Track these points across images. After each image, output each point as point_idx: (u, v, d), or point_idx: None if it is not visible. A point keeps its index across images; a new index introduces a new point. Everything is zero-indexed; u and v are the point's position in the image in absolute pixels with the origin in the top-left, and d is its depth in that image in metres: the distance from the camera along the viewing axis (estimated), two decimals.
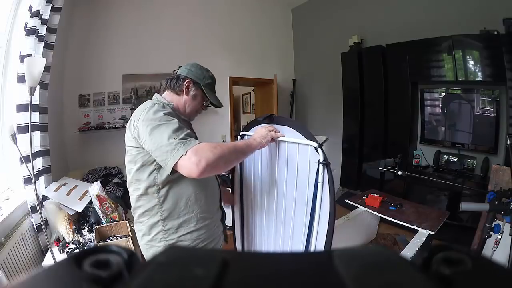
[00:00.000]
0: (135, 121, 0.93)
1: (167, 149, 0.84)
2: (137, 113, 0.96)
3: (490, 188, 1.97)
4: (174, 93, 1.09)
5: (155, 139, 0.87)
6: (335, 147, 4.01)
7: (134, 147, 0.95)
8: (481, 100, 2.61)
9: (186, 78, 1.07)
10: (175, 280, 0.15)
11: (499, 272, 0.16)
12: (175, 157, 0.83)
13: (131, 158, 0.98)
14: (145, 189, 0.98)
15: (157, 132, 0.87)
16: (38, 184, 1.94)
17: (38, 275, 0.15)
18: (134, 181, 1.00)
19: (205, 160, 0.81)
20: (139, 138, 0.92)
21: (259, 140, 1.05)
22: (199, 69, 1.11)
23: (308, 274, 0.16)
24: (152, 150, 0.88)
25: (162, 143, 0.85)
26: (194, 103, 1.12)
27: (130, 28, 3.47)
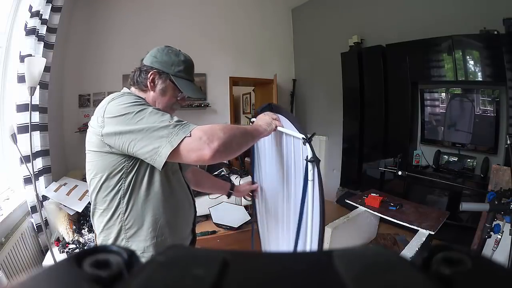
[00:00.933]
0: (99, 117, 0.77)
1: (160, 134, 0.70)
2: (100, 107, 0.79)
3: (490, 188, 1.98)
4: (139, 90, 0.90)
5: (137, 126, 0.71)
6: (335, 147, 4.02)
7: (99, 151, 0.80)
8: (481, 100, 2.61)
9: (150, 70, 0.88)
10: (175, 280, 0.15)
11: (499, 272, 0.16)
12: (174, 141, 0.69)
13: (93, 167, 0.84)
14: (109, 201, 0.83)
15: (139, 117, 0.72)
16: (38, 184, 1.95)
17: (38, 275, 0.15)
18: (96, 195, 0.85)
19: (218, 139, 0.70)
20: (108, 136, 0.75)
21: (264, 127, 0.93)
22: (165, 55, 0.88)
23: (308, 274, 0.16)
24: (133, 143, 0.72)
25: (151, 127, 0.71)
26: (165, 99, 0.91)
27: (130, 28, 3.47)
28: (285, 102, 4.74)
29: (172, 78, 0.89)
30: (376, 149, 3.42)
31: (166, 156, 0.70)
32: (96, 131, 0.78)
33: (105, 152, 0.80)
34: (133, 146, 0.73)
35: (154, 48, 0.91)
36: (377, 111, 3.36)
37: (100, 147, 0.79)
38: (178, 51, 0.92)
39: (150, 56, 0.90)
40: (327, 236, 2.10)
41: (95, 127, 0.79)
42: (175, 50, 0.91)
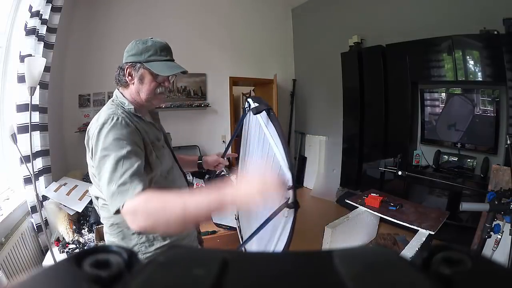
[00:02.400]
0: (90, 139, 0.82)
1: (107, 194, 0.73)
2: (92, 127, 0.83)
3: (490, 188, 1.98)
4: (123, 87, 0.94)
5: (101, 178, 0.75)
6: (335, 147, 4.02)
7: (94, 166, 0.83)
8: (481, 100, 2.61)
9: (125, 65, 0.92)
10: (175, 280, 0.15)
11: (499, 272, 0.16)
12: (112, 208, 0.71)
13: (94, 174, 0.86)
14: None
15: (102, 169, 0.76)
16: (38, 184, 1.94)
17: (38, 275, 0.15)
18: (101, 194, 0.87)
19: (137, 225, 0.67)
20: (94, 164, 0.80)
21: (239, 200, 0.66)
22: (134, 46, 0.93)
23: (308, 274, 0.16)
24: (102, 187, 0.77)
25: (105, 184, 0.74)
26: (145, 86, 0.92)
27: (130, 28, 3.46)
28: (285, 102, 4.74)
29: (144, 65, 0.91)
30: (376, 149, 3.42)
31: (113, 213, 0.72)
32: (88, 150, 0.85)
33: None
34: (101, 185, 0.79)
35: (134, 41, 0.95)
36: (377, 111, 3.36)
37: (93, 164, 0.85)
38: (146, 39, 0.95)
39: (124, 53, 0.94)
40: (327, 236, 2.10)
41: (88, 145, 0.85)
42: (142, 40, 0.95)
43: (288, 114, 4.82)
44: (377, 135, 3.40)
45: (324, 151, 4.27)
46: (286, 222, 0.77)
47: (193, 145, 3.72)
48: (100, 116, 0.83)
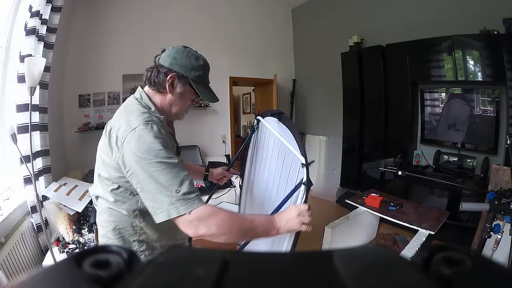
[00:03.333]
0: (119, 140, 0.76)
1: (163, 199, 0.71)
2: (122, 127, 0.77)
3: (490, 188, 1.98)
4: (156, 91, 0.89)
5: (149, 178, 0.72)
6: (335, 147, 4.01)
7: (114, 168, 0.79)
8: (481, 100, 2.61)
9: (169, 72, 0.85)
10: (175, 280, 0.15)
11: (499, 272, 0.16)
12: (172, 214, 0.71)
13: (108, 177, 0.82)
14: (122, 211, 0.85)
15: (154, 167, 0.72)
16: (38, 184, 1.94)
17: (38, 275, 0.15)
18: (108, 196, 0.85)
19: (206, 229, 0.72)
20: (124, 167, 0.76)
21: (283, 229, 0.82)
22: (186, 57, 0.86)
23: (308, 274, 0.16)
24: (142, 191, 0.75)
25: (159, 187, 0.72)
26: (182, 102, 0.91)
27: (130, 28, 3.47)
28: (285, 102, 4.74)
29: (191, 83, 0.88)
30: (376, 149, 3.42)
31: (161, 220, 0.73)
32: (114, 151, 0.78)
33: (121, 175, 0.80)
34: (139, 191, 0.76)
35: (172, 48, 0.88)
36: (377, 111, 3.36)
37: (117, 167, 0.79)
38: (197, 54, 0.91)
39: (168, 56, 0.86)
40: (327, 236, 2.10)
41: (113, 145, 0.78)
42: (194, 53, 0.90)
43: (288, 114, 4.80)
44: (377, 135, 3.40)
45: (324, 151, 4.27)
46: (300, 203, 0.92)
47: (193, 145, 3.72)
48: (132, 119, 0.78)
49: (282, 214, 0.84)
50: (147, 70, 0.89)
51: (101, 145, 0.84)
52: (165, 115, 0.90)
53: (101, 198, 0.88)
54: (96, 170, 0.88)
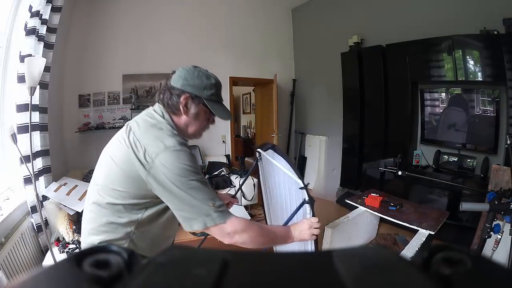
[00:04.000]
0: (148, 155, 0.78)
1: (200, 211, 0.78)
2: (152, 143, 0.80)
3: (490, 188, 1.98)
4: (171, 112, 0.89)
5: (185, 193, 0.77)
6: (335, 147, 4.02)
7: (136, 181, 0.80)
8: (481, 100, 2.61)
9: (182, 94, 0.86)
10: (175, 280, 0.15)
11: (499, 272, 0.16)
12: (208, 223, 0.78)
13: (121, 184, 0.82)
14: (120, 221, 0.84)
15: (190, 185, 0.78)
16: (38, 184, 1.95)
17: (38, 275, 0.15)
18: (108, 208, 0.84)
19: (240, 238, 0.82)
20: (156, 182, 0.78)
21: (297, 238, 0.96)
22: (197, 77, 0.87)
23: (308, 274, 0.16)
24: (175, 204, 0.80)
25: (195, 201, 0.78)
26: (198, 122, 0.93)
27: (130, 28, 3.47)
28: (285, 102, 4.74)
29: (205, 102, 0.89)
30: (376, 149, 3.42)
31: (194, 229, 0.80)
32: (140, 164, 0.79)
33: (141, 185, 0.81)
34: (171, 203, 0.81)
35: (182, 69, 0.89)
36: (377, 111, 3.36)
37: (138, 179, 0.80)
38: (208, 73, 0.91)
39: (179, 78, 0.87)
40: (327, 236, 2.10)
41: (140, 158, 0.79)
42: (205, 72, 0.90)
43: (288, 114, 4.82)
44: (377, 135, 3.40)
45: (324, 151, 4.27)
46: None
47: (193, 145, 3.72)
48: (164, 138, 0.81)
49: (297, 226, 0.98)
50: (159, 92, 0.90)
51: (119, 154, 0.82)
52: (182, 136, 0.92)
53: (98, 205, 0.85)
54: (101, 177, 0.87)
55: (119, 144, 0.84)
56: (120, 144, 0.83)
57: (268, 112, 4.51)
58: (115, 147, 0.85)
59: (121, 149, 0.82)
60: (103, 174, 0.86)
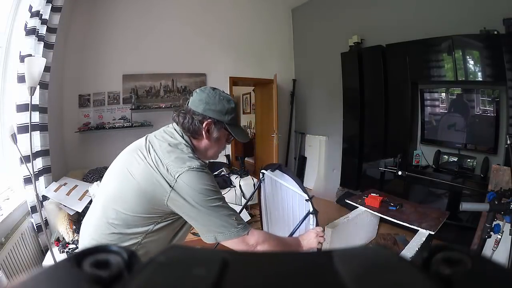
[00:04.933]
0: (170, 173, 0.79)
1: (222, 225, 0.82)
2: (173, 163, 0.81)
3: (490, 188, 1.98)
4: (191, 136, 0.90)
5: (207, 210, 0.81)
6: (335, 147, 4.01)
7: (157, 199, 0.81)
8: (481, 100, 2.60)
9: (204, 119, 0.87)
10: (175, 280, 0.15)
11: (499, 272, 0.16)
12: (231, 236, 0.82)
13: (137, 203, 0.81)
14: (127, 232, 0.84)
15: (213, 203, 0.82)
16: (38, 184, 1.94)
17: (38, 275, 0.15)
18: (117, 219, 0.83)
19: (261, 248, 0.86)
20: (176, 196, 0.79)
21: (306, 246, 1.03)
22: (218, 101, 0.87)
23: (308, 274, 0.16)
24: (197, 220, 0.82)
25: (219, 219, 0.82)
26: (218, 145, 0.94)
27: (130, 28, 3.47)
28: (285, 102, 4.74)
29: (226, 127, 0.90)
30: (376, 149, 3.42)
31: (220, 241, 0.84)
32: (164, 181, 0.80)
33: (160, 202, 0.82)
34: (192, 218, 0.83)
35: (201, 91, 0.89)
36: (377, 111, 3.36)
37: (158, 197, 0.81)
38: (227, 96, 0.92)
39: (200, 102, 0.87)
40: (327, 236, 2.10)
41: (164, 175, 0.80)
42: (225, 96, 0.91)
43: (288, 114, 4.82)
44: (377, 135, 3.40)
45: (324, 151, 4.27)
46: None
47: None
48: (187, 159, 0.83)
49: (305, 236, 1.07)
50: (179, 115, 0.89)
51: (139, 170, 0.83)
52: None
53: (105, 214, 0.85)
54: (115, 188, 0.86)
55: (138, 160, 0.84)
56: (140, 160, 0.84)
57: (268, 112, 4.50)
58: (134, 161, 0.85)
59: (141, 165, 0.83)
60: (117, 185, 0.86)
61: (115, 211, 0.84)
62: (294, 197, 1.54)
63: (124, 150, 0.95)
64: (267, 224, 2.09)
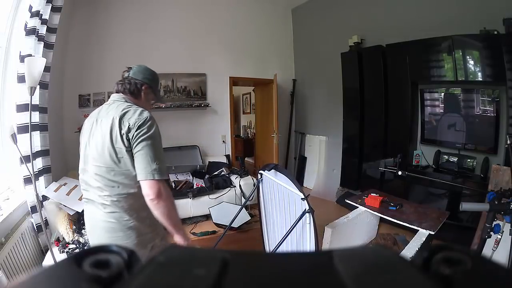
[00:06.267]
0: (134, 127, 1.05)
1: (145, 166, 1.03)
2: (134, 118, 1.07)
3: (490, 188, 1.98)
4: (132, 97, 1.19)
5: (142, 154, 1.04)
6: (335, 147, 4.01)
7: (124, 144, 1.05)
8: (481, 100, 2.60)
9: (143, 84, 1.20)
10: (175, 280, 0.15)
11: (499, 272, 0.16)
12: (148, 176, 1.03)
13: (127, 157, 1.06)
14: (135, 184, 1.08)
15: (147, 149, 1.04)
16: (38, 184, 1.94)
17: (38, 275, 0.15)
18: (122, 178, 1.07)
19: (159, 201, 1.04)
20: (133, 139, 1.05)
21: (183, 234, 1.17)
22: (150, 74, 1.24)
23: (308, 274, 0.16)
24: (137, 155, 1.04)
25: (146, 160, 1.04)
26: (148, 104, 1.26)
27: (130, 28, 3.47)
28: (285, 102, 4.74)
29: (154, 91, 1.27)
30: (376, 149, 3.42)
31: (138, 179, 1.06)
32: (125, 132, 1.06)
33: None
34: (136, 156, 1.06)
35: (139, 66, 1.24)
36: (377, 111, 3.36)
37: (127, 144, 1.07)
38: (154, 71, 1.28)
39: (139, 72, 1.22)
40: (327, 236, 2.10)
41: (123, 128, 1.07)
42: (153, 71, 1.27)
43: (288, 114, 4.82)
44: (377, 135, 3.40)
45: (324, 151, 4.27)
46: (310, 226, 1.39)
47: (193, 145, 3.72)
48: (141, 112, 1.09)
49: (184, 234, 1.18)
50: (121, 83, 1.20)
51: (114, 140, 1.06)
52: None
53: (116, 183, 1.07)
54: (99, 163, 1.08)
55: (106, 130, 1.09)
56: (107, 129, 1.09)
57: (268, 112, 4.50)
58: (101, 134, 1.10)
59: (112, 132, 1.09)
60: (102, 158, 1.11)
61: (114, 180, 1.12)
62: (290, 196, 1.57)
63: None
64: (266, 223, 2.08)
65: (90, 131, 1.12)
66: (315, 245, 1.40)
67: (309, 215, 1.36)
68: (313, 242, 1.42)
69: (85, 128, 1.16)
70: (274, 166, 1.71)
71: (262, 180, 1.99)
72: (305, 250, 1.44)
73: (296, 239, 1.62)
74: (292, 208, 1.58)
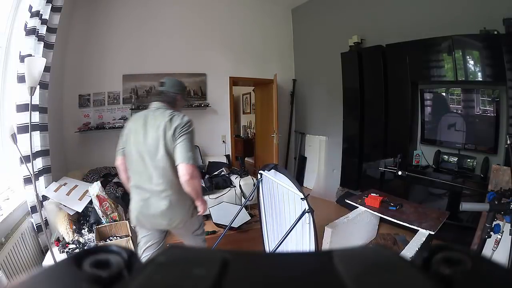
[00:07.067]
0: (180, 125, 1.40)
1: (185, 153, 1.37)
2: (178, 119, 1.42)
3: (490, 188, 1.98)
4: (170, 106, 1.53)
5: (183, 145, 1.38)
6: (335, 147, 4.01)
7: (173, 137, 1.39)
8: (481, 100, 2.60)
9: (177, 95, 1.56)
10: (175, 280, 0.15)
11: (499, 272, 0.16)
12: (187, 161, 1.36)
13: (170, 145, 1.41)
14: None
15: (186, 142, 1.39)
16: (38, 184, 1.95)
17: (38, 275, 0.15)
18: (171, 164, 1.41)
19: (192, 180, 1.38)
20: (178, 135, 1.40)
21: (203, 203, 1.53)
22: (180, 85, 1.59)
23: (308, 274, 0.16)
24: (178, 145, 1.38)
25: (185, 149, 1.38)
26: (181, 107, 1.62)
27: (130, 28, 3.47)
28: (285, 102, 4.74)
29: (185, 98, 1.67)
30: (376, 149, 3.42)
31: (177, 163, 1.40)
32: (175, 131, 1.41)
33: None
34: (177, 146, 1.40)
35: (169, 80, 1.58)
36: (377, 111, 3.36)
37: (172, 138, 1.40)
38: (182, 82, 1.65)
39: (172, 86, 1.56)
40: (327, 236, 2.10)
41: (176, 129, 1.42)
42: (181, 82, 1.63)
43: (288, 114, 4.82)
44: (377, 135, 3.40)
45: (324, 151, 4.27)
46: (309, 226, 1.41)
47: None
48: (183, 117, 1.45)
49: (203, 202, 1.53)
50: (161, 94, 1.55)
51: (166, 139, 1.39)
52: None
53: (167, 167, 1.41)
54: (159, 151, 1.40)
55: (161, 129, 1.42)
56: (162, 128, 1.42)
57: (268, 112, 4.50)
58: (156, 132, 1.43)
59: (166, 130, 1.42)
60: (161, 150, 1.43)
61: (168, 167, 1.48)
62: (290, 196, 1.59)
63: None
64: (266, 223, 2.08)
65: (144, 132, 1.42)
66: (315, 245, 1.40)
67: (309, 215, 1.37)
68: (313, 242, 1.42)
69: (133, 129, 1.47)
70: (274, 166, 1.74)
71: (262, 180, 1.99)
72: (305, 250, 1.42)
73: (296, 239, 1.60)
74: (292, 208, 1.58)
